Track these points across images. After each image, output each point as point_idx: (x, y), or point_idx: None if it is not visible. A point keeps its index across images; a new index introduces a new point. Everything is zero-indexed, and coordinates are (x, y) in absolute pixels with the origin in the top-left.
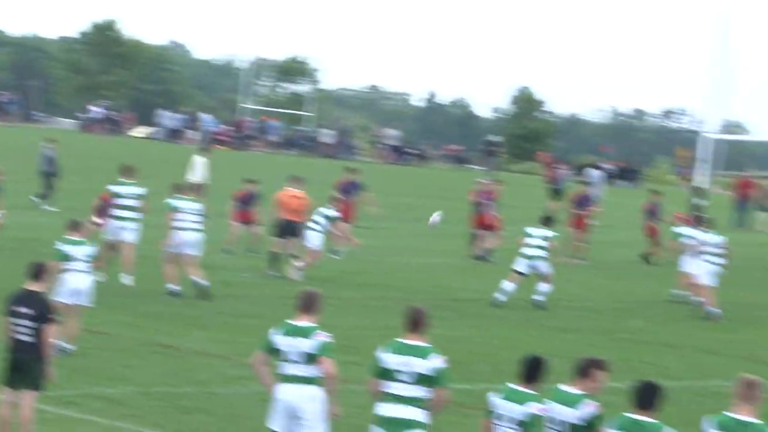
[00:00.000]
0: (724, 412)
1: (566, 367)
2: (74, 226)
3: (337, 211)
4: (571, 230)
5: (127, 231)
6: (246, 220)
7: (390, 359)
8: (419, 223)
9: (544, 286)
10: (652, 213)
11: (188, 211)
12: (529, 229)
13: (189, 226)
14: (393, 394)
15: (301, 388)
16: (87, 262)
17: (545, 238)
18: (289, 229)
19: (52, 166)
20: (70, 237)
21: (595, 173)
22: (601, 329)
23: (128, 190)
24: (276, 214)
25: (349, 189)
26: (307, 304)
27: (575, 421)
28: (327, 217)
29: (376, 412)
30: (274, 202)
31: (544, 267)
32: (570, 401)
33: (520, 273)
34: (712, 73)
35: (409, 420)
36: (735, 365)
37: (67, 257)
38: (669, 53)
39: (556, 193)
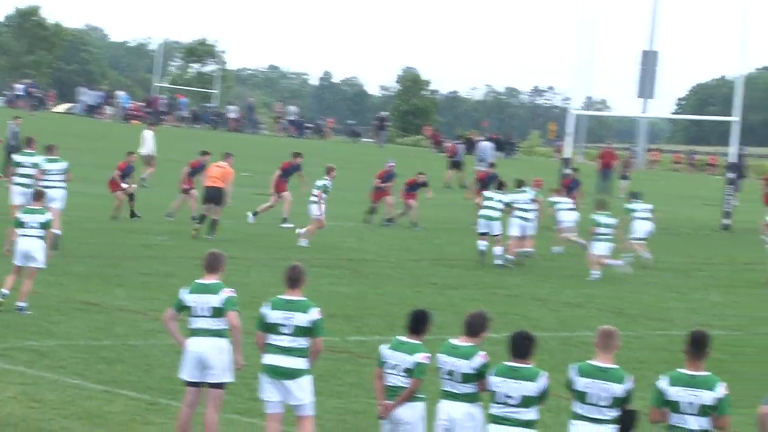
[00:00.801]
0: (587, 361)
1: (450, 320)
2: (36, 196)
3: (280, 192)
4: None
5: (55, 200)
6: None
7: (272, 314)
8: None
9: (497, 249)
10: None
11: (52, 171)
12: (488, 193)
13: (50, 185)
14: (277, 346)
15: (209, 340)
16: (39, 228)
17: (501, 202)
18: (211, 195)
19: (16, 140)
20: (31, 206)
21: (486, 145)
22: (483, 285)
23: (54, 166)
24: (204, 183)
25: (291, 171)
26: (213, 264)
27: (468, 371)
28: (318, 187)
29: (262, 362)
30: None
31: (497, 229)
32: (464, 354)
33: (482, 234)
34: (577, 54)
35: (292, 368)
36: (598, 317)
37: (21, 224)
38: (539, 35)
39: (455, 164)
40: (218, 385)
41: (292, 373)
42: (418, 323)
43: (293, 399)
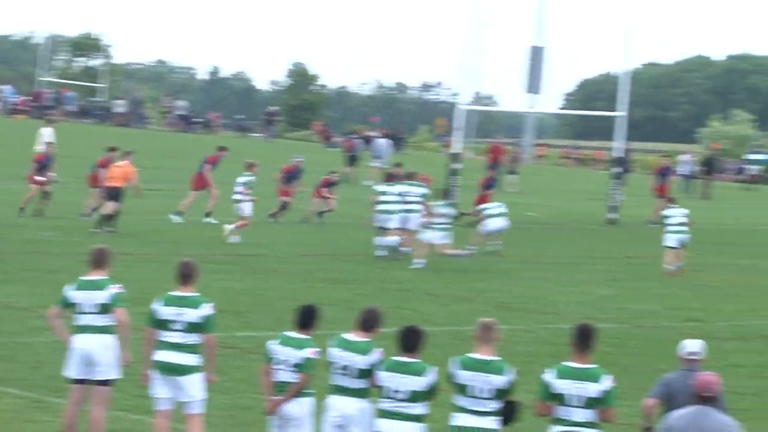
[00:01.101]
0: (468, 354)
1: (341, 315)
2: None
3: (202, 184)
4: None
5: None
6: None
7: (164, 310)
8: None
9: (391, 239)
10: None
11: None
12: (380, 187)
13: None
14: (168, 342)
15: (96, 337)
16: None
17: (394, 194)
18: (110, 194)
19: None
20: None
21: (382, 142)
22: (373, 280)
23: None
24: (106, 182)
25: (216, 166)
26: (99, 260)
27: (364, 366)
28: (242, 183)
29: (153, 358)
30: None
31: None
32: (360, 349)
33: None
34: (465, 49)
35: (184, 365)
36: (488, 311)
37: None
38: (428, 30)
39: (352, 159)
40: (105, 382)
41: (184, 370)
42: (306, 318)
43: (184, 396)
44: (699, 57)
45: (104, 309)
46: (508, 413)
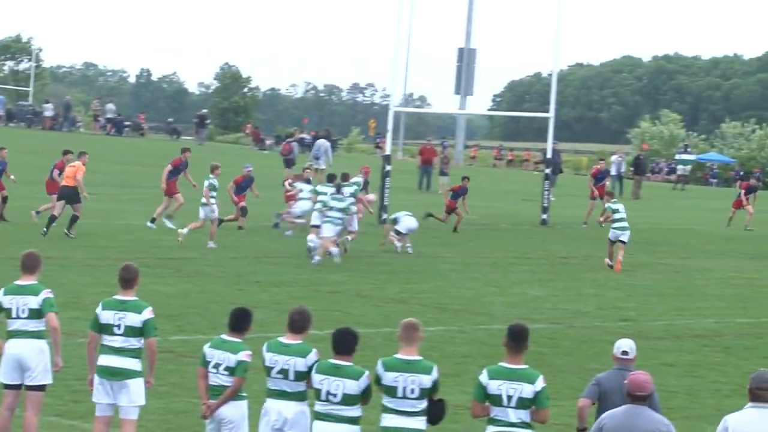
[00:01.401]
0: (393, 355)
1: (274, 317)
2: None
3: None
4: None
5: None
6: None
7: (105, 314)
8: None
9: (349, 237)
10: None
11: None
12: (321, 188)
13: None
14: (109, 346)
15: (28, 342)
16: None
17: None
18: (64, 194)
19: None
20: None
21: (321, 143)
22: (305, 282)
23: None
24: (61, 182)
25: (182, 169)
26: (30, 265)
27: (302, 369)
28: (207, 186)
29: (96, 363)
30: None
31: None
32: (298, 352)
33: (316, 226)
34: (396, 51)
35: (125, 369)
36: (421, 312)
37: None
38: (358, 32)
39: (289, 163)
40: (37, 387)
41: (124, 374)
42: (239, 321)
43: (124, 400)
44: (627, 57)
45: (36, 314)
46: (436, 412)
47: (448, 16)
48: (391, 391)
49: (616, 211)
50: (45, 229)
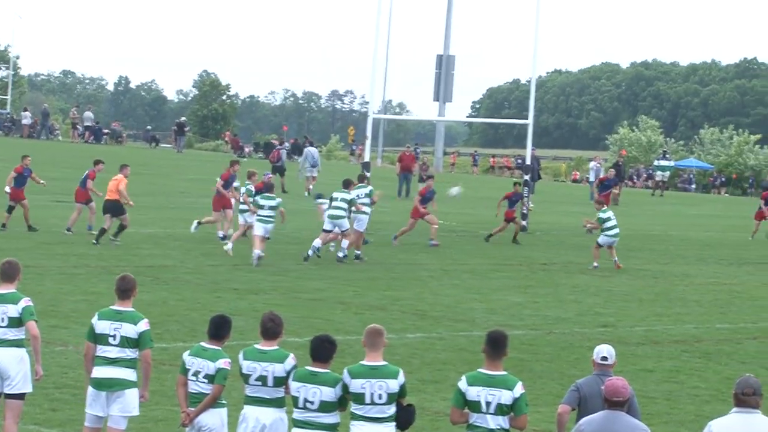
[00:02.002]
0: (359, 362)
1: (253, 324)
2: None
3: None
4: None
5: None
6: None
7: (101, 324)
8: None
9: (345, 242)
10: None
11: None
12: (335, 194)
13: None
14: (104, 357)
15: (8, 350)
16: None
17: (347, 201)
18: (108, 207)
19: None
20: None
21: (312, 151)
22: (284, 290)
23: None
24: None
25: (231, 181)
26: (9, 273)
27: (281, 374)
28: (245, 192)
29: (91, 374)
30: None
31: (345, 225)
32: (276, 358)
33: (327, 231)
34: (375, 58)
35: (120, 379)
36: (402, 319)
37: None
38: (338, 39)
39: (278, 170)
40: (17, 396)
41: (121, 384)
42: (218, 329)
43: (116, 410)
44: (606, 64)
45: (15, 322)
46: (405, 417)
47: (427, 24)
48: (359, 398)
49: (607, 219)
50: (95, 241)
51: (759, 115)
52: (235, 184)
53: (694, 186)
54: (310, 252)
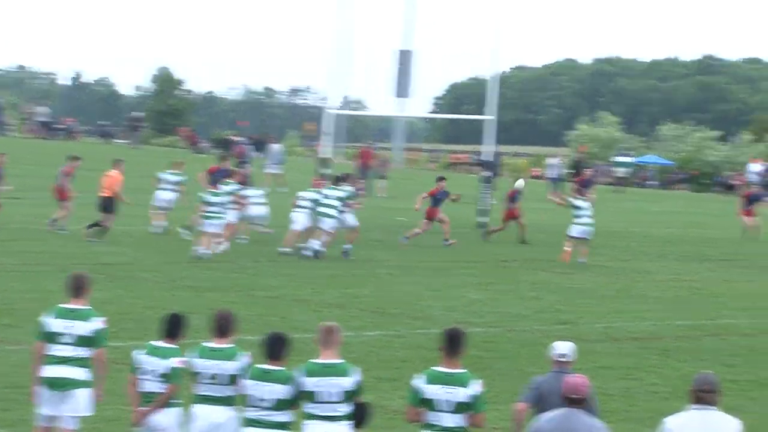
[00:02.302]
0: (311, 360)
1: (207, 323)
2: None
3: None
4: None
5: None
6: None
7: (54, 323)
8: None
9: (323, 237)
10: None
11: None
12: (325, 191)
13: None
14: (56, 356)
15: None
16: None
17: (337, 198)
18: (101, 204)
19: None
20: None
21: (275, 147)
22: (240, 287)
23: None
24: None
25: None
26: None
27: (234, 372)
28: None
29: (41, 374)
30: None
31: (332, 223)
32: (228, 356)
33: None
34: (333, 53)
35: (73, 379)
36: (360, 317)
37: None
38: (296, 34)
39: (241, 165)
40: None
41: (72, 384)
42: (172, 327)
43: (68, 410)
44: (567, 60)
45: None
46: (360, 416)
47: (387, 19)
48: (312, 397)
49: (580, 208)
50: (93, 239)
51: (719, 112)
52: (182, 178)
53: (655, 182)
54: (308, 252)
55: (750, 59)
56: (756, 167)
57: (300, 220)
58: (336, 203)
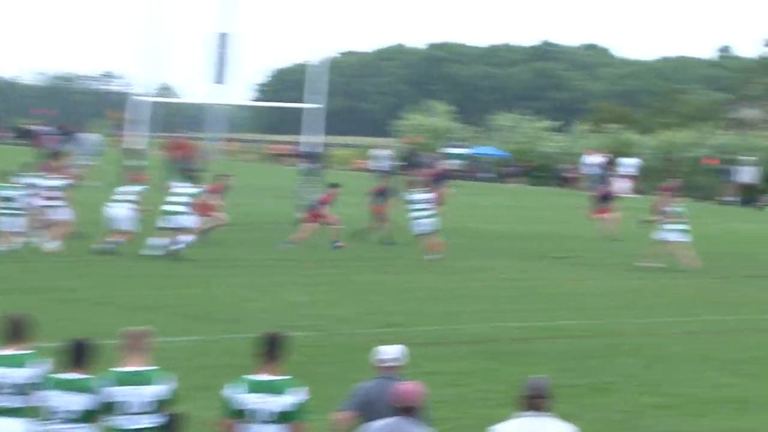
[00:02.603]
0: (117, 369)
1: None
2: None
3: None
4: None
5: None
6: None
7: None
8: None
9: (183, 237)
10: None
11: None
12: (175, 188)
13: None
14: None
15: None
16: None
17: (188, 195)
18: None
19: None
20: None
21: (89, 137)
22: (33, 289)
23: None
24: None
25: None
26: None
27: (25, 381)
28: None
29: None
30: None
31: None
32: (16, 363)
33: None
34: (144, 37)
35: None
36: (175, 322)
37: None
38: (106, 17)
39: (56, 156)
40: None
41: None
42: None
43: None
44: (398, 45)
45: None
46: (172, 426)
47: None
48: (118, 407)
49: (413, 202)
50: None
51: (557, 100)
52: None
53: (490, 174)
54: (161, 252)
55: (588, 45)
56: (594, 159)
57: (122, 216)
58: (184, 201)
